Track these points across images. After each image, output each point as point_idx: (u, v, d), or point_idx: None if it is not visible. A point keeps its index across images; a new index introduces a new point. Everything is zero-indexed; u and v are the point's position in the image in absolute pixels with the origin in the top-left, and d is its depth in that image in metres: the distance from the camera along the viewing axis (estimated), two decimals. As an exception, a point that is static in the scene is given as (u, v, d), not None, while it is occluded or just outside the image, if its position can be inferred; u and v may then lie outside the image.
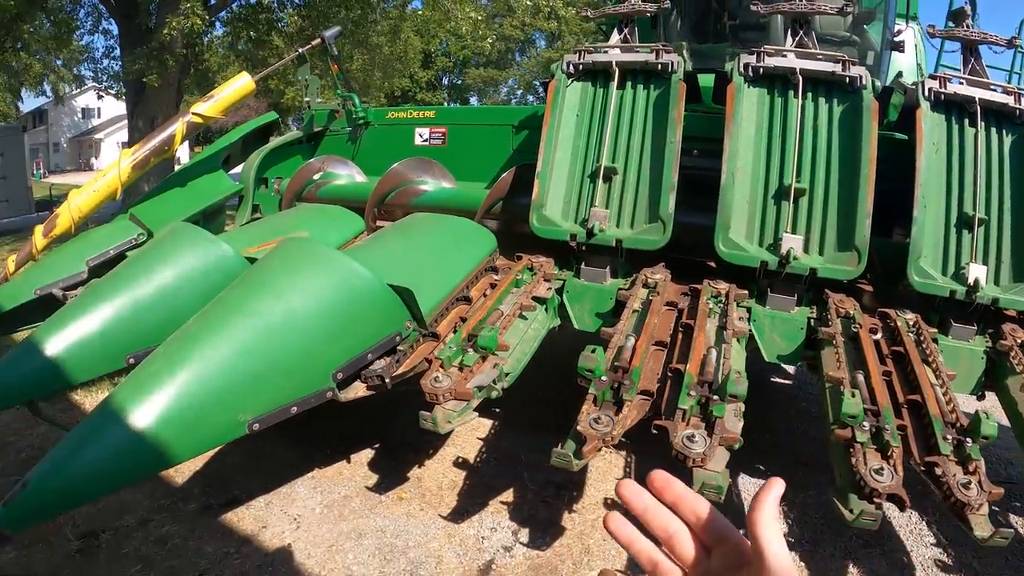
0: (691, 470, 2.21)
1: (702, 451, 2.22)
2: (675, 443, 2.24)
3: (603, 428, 2.31)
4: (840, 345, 3.01)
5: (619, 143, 3.65)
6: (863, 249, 3.26)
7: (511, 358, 2.88)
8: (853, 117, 3.45)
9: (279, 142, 5.14)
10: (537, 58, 37.06)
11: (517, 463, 4.12)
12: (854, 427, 2.41)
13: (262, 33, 14.88)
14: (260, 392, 2.29)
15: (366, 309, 2.64)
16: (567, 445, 2.32)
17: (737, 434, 2.33)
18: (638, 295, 3.31)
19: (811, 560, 3.44)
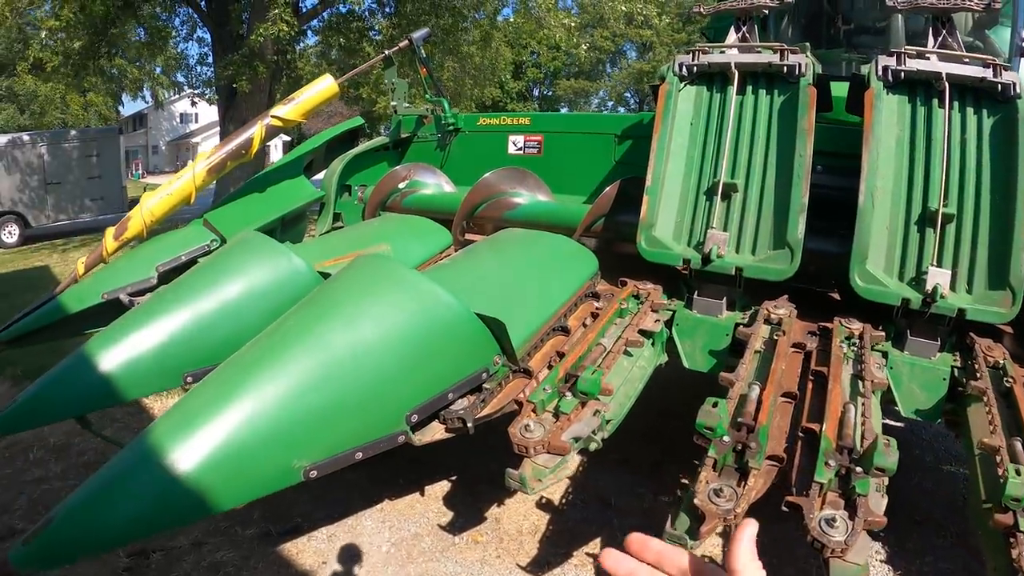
0: (825, 561, 1.88)
1: (843, 539, 1.88)
2: (811, 528, 1.92)
3: (725, 504, 1.99)
4: (993, 403, 2.60)
5: (740, 156, 3.33)
6: (1019, 288, 2.83)
7: (614, 403, 2.59)
8: (1007, 130, 3.02)
9: (364, 148, 5.05)
10: (628, 69, 36.91)
11: (607, 507, 3.85)
12: (1017, 512, 2.02)
13: (353, 41, 15.24)
14: (321, 435, 2.06)
15: (449, 342, 2.39)
16: (680, 522, 2.01)
17: (883, 517, 1.97)
18: (760, 333, 2.98)
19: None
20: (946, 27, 3.34)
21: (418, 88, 5.71)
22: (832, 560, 1.88)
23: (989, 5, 3.42)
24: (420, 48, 4.87)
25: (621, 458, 4.31)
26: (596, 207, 3.71)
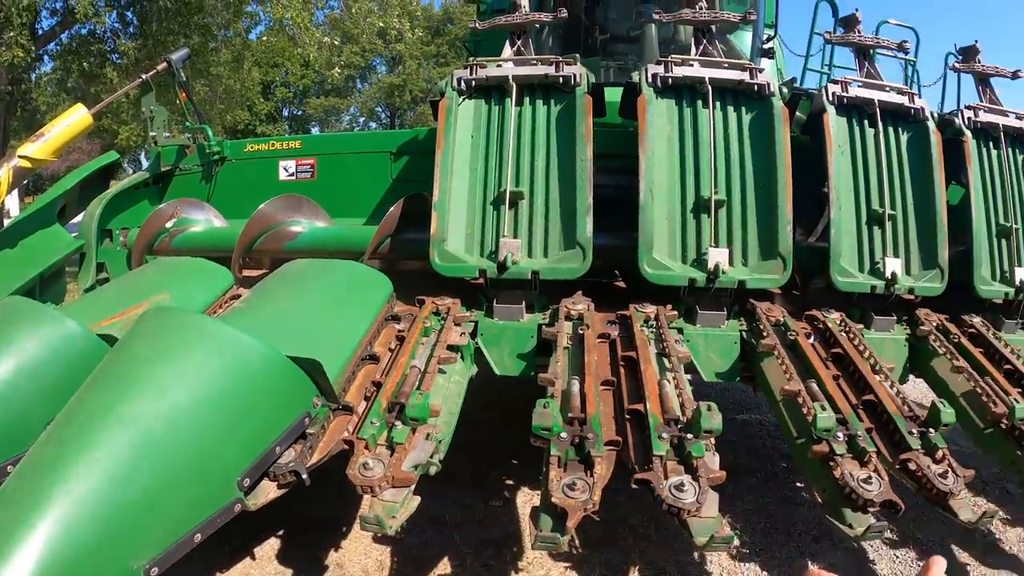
0: (685, 522, 2.13)
1: (694, 498, 2.14)
2: (664, 496, 2.14)
3: (581, 495, 2.14)
4: (783, 355, 3.08)
5: (522, 165, 3.58)
6: (787, 256, 3.38)
7: (441, 422, 2.67)
8: (764, 124, 3.58)
9: (122, 186, 4.67)
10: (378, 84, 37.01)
11: (443, 526, 3.86)
12: (829, 440, 2.46)
13: (94, 66, 13.80)
14: (152, 527, 1.89)
15: (266, 392, 2.30)
16: (543, 522, 2.11)
17: (720, 472, 2.28)
18: (564, 330, 3.21)
19: (770, 566, 3.47)
20: (707, 37, 3.85)
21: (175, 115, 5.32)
22: (690, 519, 2.13)
23: (745, 17, 3.93)
24: (180, 71, 4.61)
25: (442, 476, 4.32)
26: (382, 228, 3.74)
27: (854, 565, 3.52)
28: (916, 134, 3.81)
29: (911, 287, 3.57)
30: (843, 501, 2.32)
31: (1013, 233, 3.88)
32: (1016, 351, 3.53)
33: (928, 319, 3.63)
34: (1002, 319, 3.88)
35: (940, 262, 3.62)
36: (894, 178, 3.72)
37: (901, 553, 3.67)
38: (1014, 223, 3.90)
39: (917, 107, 3.79)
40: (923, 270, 3.65)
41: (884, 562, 3.57)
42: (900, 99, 3.80)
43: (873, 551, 3.63)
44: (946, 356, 3.40)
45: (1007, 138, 4.03)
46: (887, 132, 3.77)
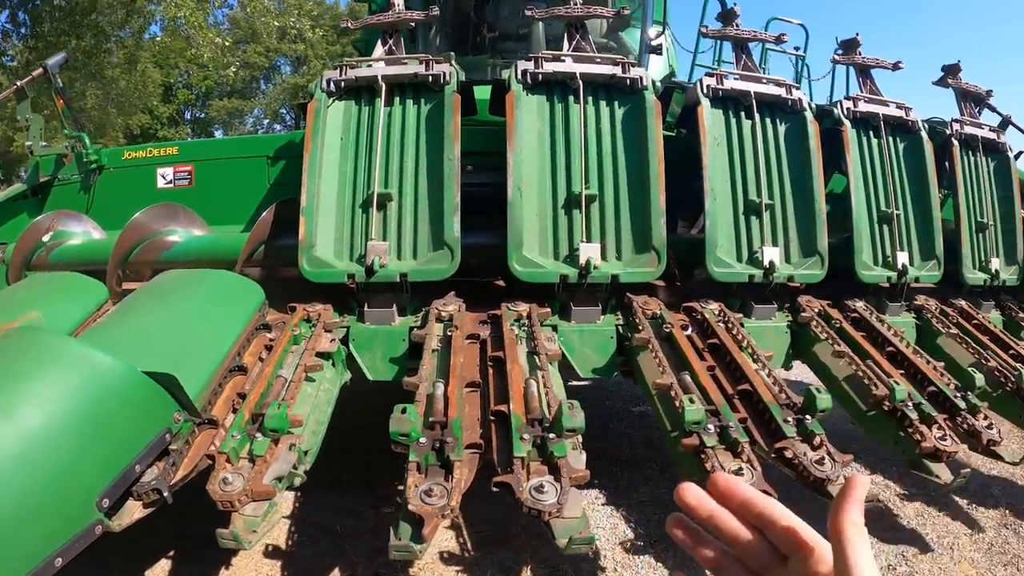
0: (547, 523, 2.12)
1: (555, 500, 2.14)
2: (523, 499, 2.14)
3: (438, 501, 2.13)
4: (657, 348, 3.11)
5: (391, 166, 3.56)
6: (661, 249, 3.42)
7: (307, 432, 2.63)
8: (637, 118, 3.61)
9: (0, 199, 4.53)
10: (283, 85, 36.50)
11: (333, 535, 3.79)
12: (699, 433, 2.49)
13: None
14: (8, 552, 1.83)
15: (122, 410, 2.24)
16: (402, 530, 2.10)
17: (585, 470, 2.28)
18: (434, 332, 3.20)
19: (665, 557, 3.47)
20: (579, 32, 3.85)
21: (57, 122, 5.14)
22: (552, 520, 2.13)
23: (618, 13, 3.95)
24: (56, 76, 4.48)
25: (332, 483, 4.25)
26: (254, 235, 3.69)
27: None
28: (794, 125, 3.90)
29: (791, 275, 3.66)
30: None
31: (894, 219, 3.98)
32: (899, 333, 3.62)
33: (810, 305, 3.72)
34: (886, 303, 3.98)
35: (820, 249, 3.71)
36: (772, 168, 3.80)
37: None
38: (895, 209, 4.00)
39: (795, 98, 3.88)
40: (803, 258, 3.73)
41: None
42: (777, 91, 3.89)
43: None
44: (828, 341, 3.49)
45: (887, 127, 4.14)
46: (764, 123, 3.86)
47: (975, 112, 4.73)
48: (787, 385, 2.90)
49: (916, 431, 2.86)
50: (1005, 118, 4.80)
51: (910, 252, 4.04)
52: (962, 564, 3.58)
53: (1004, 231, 4.55)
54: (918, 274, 4.02)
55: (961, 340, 3.81)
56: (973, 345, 3.77)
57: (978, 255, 4.41)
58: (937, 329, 3.92)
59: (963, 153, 4.45)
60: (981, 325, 4.08)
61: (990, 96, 4.78)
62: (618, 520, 3.80)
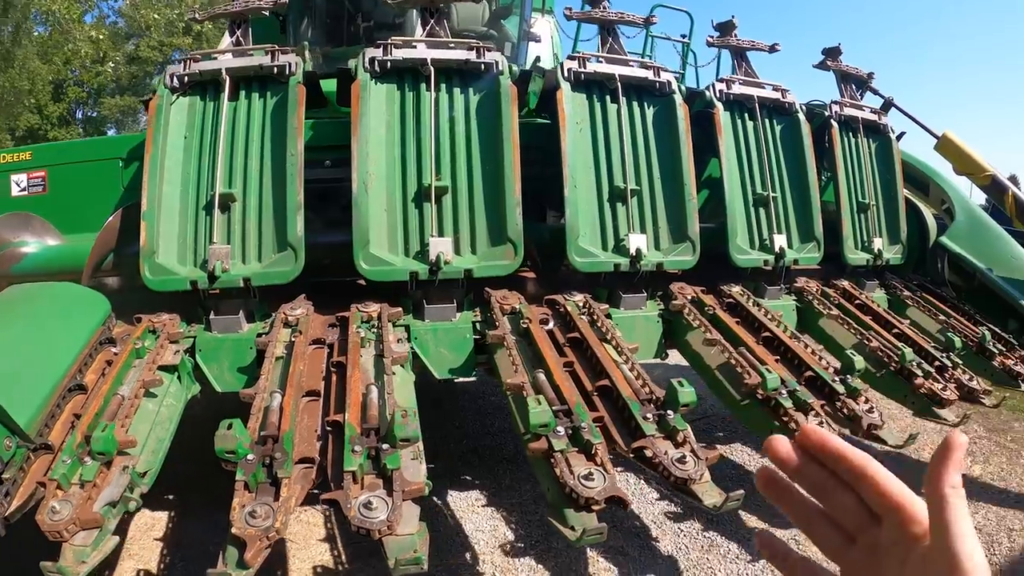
0: (379, 541, 1.98)
1: (385, 517, 1.99)
2: (351, 517, 1.99)
3: (263, 522, 1.98)
4: (512, 346, 2.97)
5: (235, 164, 3.37)
6: (518, 241, 3.29)
7: (143, 453, 2.47)
8: (491, 105, 3.48)
9: None
10: None
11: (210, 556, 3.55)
12: (548, 436, 2.34)
13: None
14: None
15: None
16: (228, 555, 1.96)
17: (423, 482, 2.15)
18: (279, 338, 3.03)
19: (547, 558, 3.36)
20: (434, 17, 3.68)
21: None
22: (384, 539, 1.97)
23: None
24: None
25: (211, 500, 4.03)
26: (98, 244, 3.50)
27: (637, 546, 3.46)
28: (662, 108, 3.81)
29: (660, 262, 3.55)
30: (564, 501, 2.21)
31: (771, 202, 3.91)
32: (776, 317, 3.56)
33: (682, 293, 3.64)
34: (764, 287, 3.93)
35: (691, 235, 3.62)
36: (639, 153, 3.70)
37: (685, 526, 3.66)
38: (771, 192, 3.94)
39: (663, 81, 3.78)
40: (673, 244, 3.64)
41: (668, 538, 3.55)
42: (644, 73, 3.79)
43: (656, 527, 3.62)
44: (700, 329, 3.40)
45: (763, 109, 4.09)
46: (631, 107, 3.76)
47: (856, 94, 4.72)
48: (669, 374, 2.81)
49: (791, 420, 2.79)
50: (887, 100, 4.80)
51: (788, 234, 4.00)
52: None
53: (887, 211, 4.54)
54: (797, 256, 3.97)
55: (843, 321, 3.78)
56: (855, 326, 3.73)
57: (860, 235, 4.38)
58: (818, 311, 3.88)
59: (843, 135, 4.42)
60: (864, 305, 4.06)
61: (872, 79, 4.77)
62: (498, 522, 3.67)
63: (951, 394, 3.36)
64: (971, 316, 4.30)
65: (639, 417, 2.50)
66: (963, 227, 4.61)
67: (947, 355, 3.66)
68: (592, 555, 3.37)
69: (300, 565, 3.43)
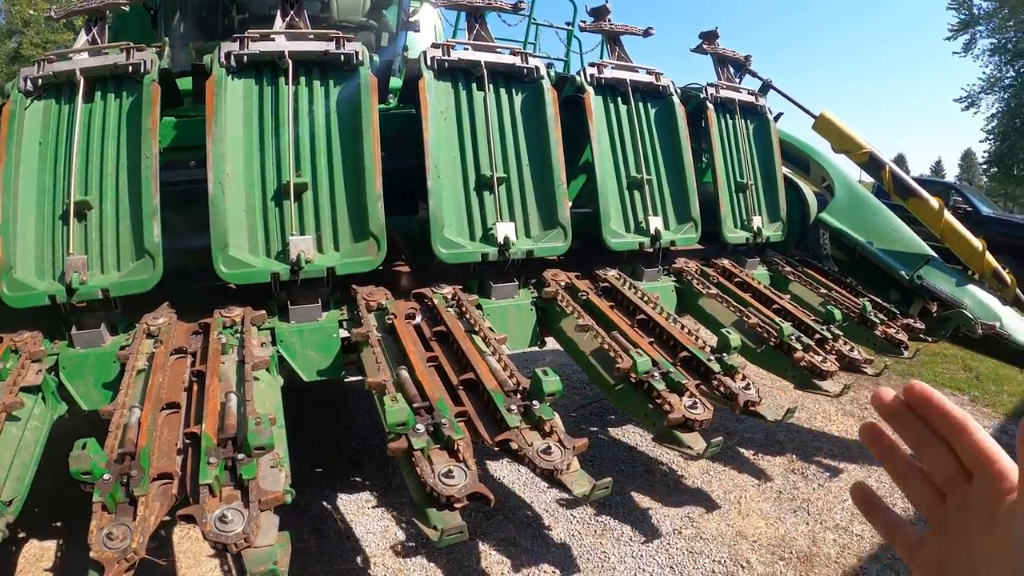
0: (236, 555, 1.96)
1: (242, 529, 1.96)
2: (207, 532, 1.96)
3: (120, 544, 1.93)
4: (377, 343, 2.97)
5: (91, 169, 3.27)
6: (381, 235, 3.29)
7: (8, 480, 2.40)
8: (350, 96, 3.46)
9: None
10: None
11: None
12: (407, 434, 2.33)
13: None
14: None
15: None
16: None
17: (280, 491, 2.12)
18: (141, 350, 2.96)
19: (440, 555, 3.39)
20: (294, 8, 3.64)
21: None
22: (243, 552, 1.95)
23: None
24: None
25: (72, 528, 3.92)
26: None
27: (529, 536, 3.52)
28: (531, 94, 3.83)
29: (530, 249, 3.58)
30: (426, 500, 2.21)
31: (644, 184, 3.98)
32: (652, 299, 3.63)
33: (555, 279, 3.69)
34: (642, 269, 4.00)
35: (561, 221, 3.67)
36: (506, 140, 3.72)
37: (578, 512, 3.73)
38: (645, 174, 4.00)
39: (531, 67, 3.81)
40: (543, 231, 3.68)
41: (560, 525, 3.62)
42: (511, 60, 3.81)
43: (549, 516, 3.68)
44: (573, 315, 3.45)
45: (636, 93, 4.15)
46: (498, 94, 3.77)
47: (734, 77, 4.83)
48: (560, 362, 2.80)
49: (664, 402, 2.84)
50: (765, 82, 4.92)
51: (664, 216, 4.07)
52: (751, 517, 3.64)
53: (765, 190, 4.67)
54: (674, 237, 4.04)
55: (722, 300, 3.87)
56: (734, 304, 3.83)
57: (739, 214, 4.50)
58: (697, 291, 3.97)
59: (719, 116, 4.52)
60: (744, 283, 4.17)
61: (749, 62, 4.88)
62: (389, 522, 3.69)
63: (831, 365, 3.47)
64: (853, 288, 4.44)
65: (503, 409, 2.52)
66: (843, 203, 4.76)
67: (827, 327, 3.78)
68: (484, 548, 3.43)
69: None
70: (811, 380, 3.47)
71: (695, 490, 3.94)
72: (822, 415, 5.02)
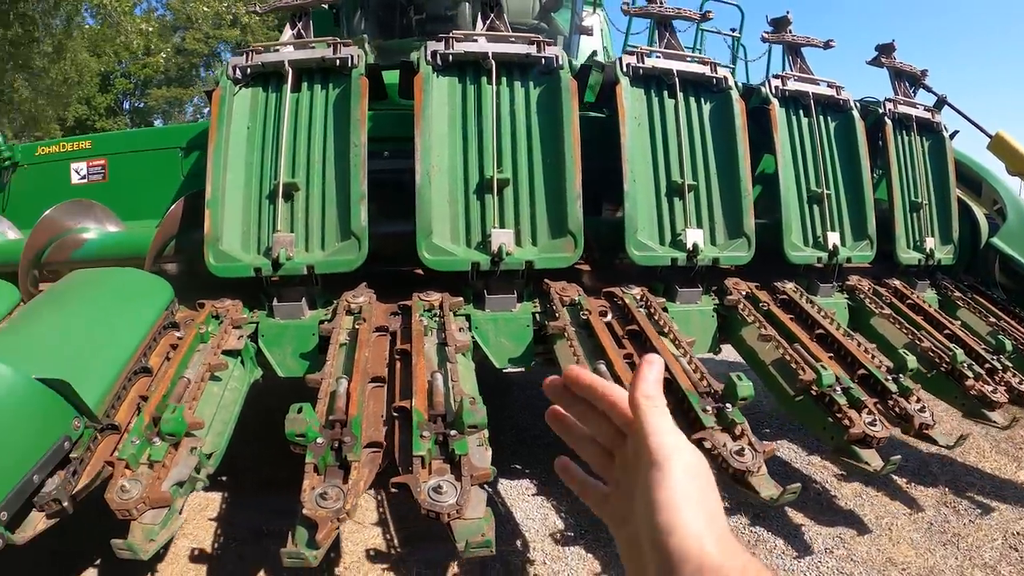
0: (448, 525, 2.05)
1: (455, 501, 2.07)
2: (421, 500, 2.06)
3: (334, 504, 2.06)
4: (573, 336, 3.05)
5: (298, 154, 3.46)
6: (578, 233, 3.35)
7: (209, 435, 2.55)
8: (552, 99, 3.55)
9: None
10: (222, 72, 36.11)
11: (261, 536, 3.70)
12: None
13: None
14: None
15: (14, 418, 2.16)
16: (298, 535, 2.02)
17: (488, 468, 2.21)
18: (343, 325, 3.11)
19: (596, 548, 3.43)
20: (494, 11, 3.80)
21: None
22: (453, 522, 2.05)
23: None
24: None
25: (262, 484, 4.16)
26: (162, 230, 3.57)
27: None
28: (719, 104, 3.85)
29: (716, 257, 3.61)
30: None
31: (825, 199, 3.95)
32: (829, 315, 3.60)
33: (737, 288, 3.69)
34: (817, 284, 3.97)
35: (746, 230, 3.67)
36: (695, 148, 3.75)
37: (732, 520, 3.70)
38: (825, 189, 3.97)
39: (719, 77, 3.84)
40: (729, 239, 3.70)
41: None
42: (701, 69, 3.84)
43: None
44: (754, 325, 3.46)
45: (817, 106, 4.12)
46: (688, 102, 3.81)
47: (909, 92, 4.74)
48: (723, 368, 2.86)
49: (844, 416, 2.82)
50: (940, 98, 4.81)
51: (841, 232, 4.03)
52: (901, 545, 3.56)
53: (939, 210, 4.55)
54: (850, 254, 3.99)
55: (894, 321, 3.80)
56: (907, 326, 3.76)
57: (912, 234, 4.40)
58: (870, 310, 3.91)
59: (896, 132, 4.44)
60: (915, 305, 4.08)
61: (925, 76, 4.78)
62: (548, 511, 3.74)
63: (1001, 396, 3.38)
64: (1021, 319, 4.30)
65: (699, 409, 2.55)
66: (1015, 228, 4.60)
67: (997, 357, 3.67)
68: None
69: (353, 548, 3.53)
70: (980, 409, 3.39)
71: (847, 512, 3.87)
72: (976, 450, 4.86)
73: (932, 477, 4.32)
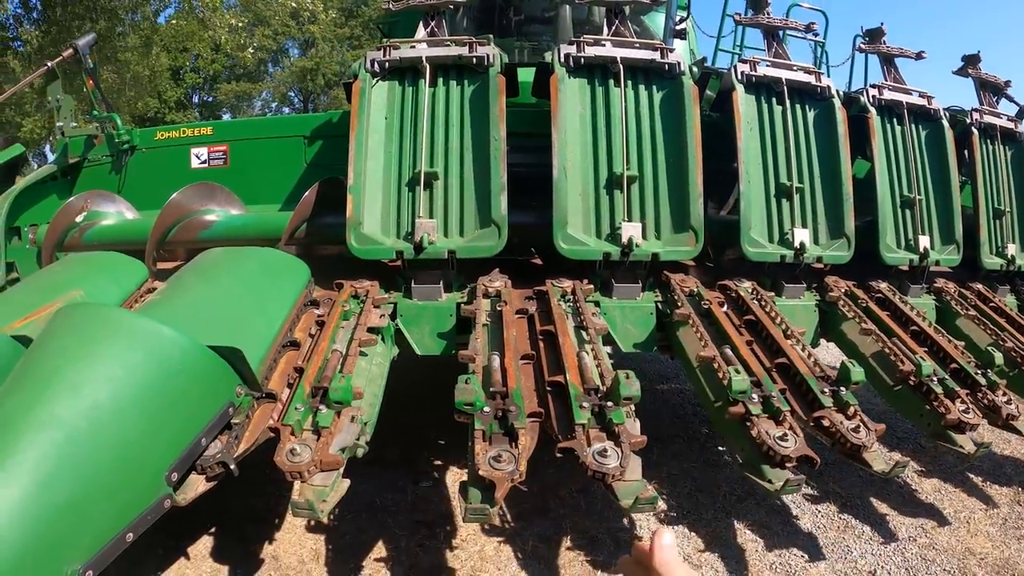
0: (610, 486, 2.27)
1: (618, 463, 2.29)
2: (588, 462, 2.29)
3: (507, 466, 2.26)
4: (698, 323, 3.34)
5: (436, 145, 3.73)
6: (699, 229, 3.63)
7: (365, 405, 2.75)
8: (675, 102, 3.82)
9: (29, 180, 4.64)
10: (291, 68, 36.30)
11: (376, 510, 3.97)
12: (745, 402, 2.70)
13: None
14: (83, 528, 1.87)
15: (188, 384, 2.30)
16: (472, 495, 2.23)
17: (641, 437, 2.43)
18: (483, 307, 3.37)
19: (698, 527, 3.73)
20: (619, 17, 4.07)
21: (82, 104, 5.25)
22: (615, 483, 2.28)
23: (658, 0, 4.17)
24: (87, 57, 4.57)
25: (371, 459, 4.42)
26: (298, 212, 3.83)
27: (779, 521, 3.81)
28: (822, 111, 4.11)
29: (820, 256, 3.88)
30: (761, 459, 2.57)
31: (916, 204, 4.21)
32: (921, 313, 3.86)
33: (837, 285, 3.97)
34: (908, 284, 4.23)
35: (847, 231, 3.93)
36: (801, 153, 4.01)
37: (823, 507, 4.00)
38: (917, 194, 4.23)
39: (823, 85, 4.10)
40: (831, 239, 3.96)
41: (807, 517, 3.89)
42: (807, 78, 4.10)
43: (796, 507, 3.96)
44: (855, 319, 3.72)
45: (910, 115, 4.37)
46: (794, 109, 4.07)
47: (993, 102, 4.98)
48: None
49: (941, 404, 3.08)
50: (1022, 108, 5.05)
51: (931, 236, 4.26)
52: (978, 537, 3.81)
53: (1020, 218, 4.79)
54: (938, 257, 4.24)
55: (979, 322, 4.04)
56: (990, 326, 4.00)
57: (995, 240, 4.63)
58: (956, 311, 4.15)
59: (982, 142, 4.67)
60: (998, 308, 4.32)
61: (1008, 87, 5.01)
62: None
63: None
64: None
65: (817, 391, 2.82)
66: None
67: (1076, 362, 3.93)
68: (739, 527, 3.71)
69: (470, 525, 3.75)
70: None
71: (928, 504, 4.12)
72: (1040, 449, 5.11)
73: (1006, 477, 4.55)
